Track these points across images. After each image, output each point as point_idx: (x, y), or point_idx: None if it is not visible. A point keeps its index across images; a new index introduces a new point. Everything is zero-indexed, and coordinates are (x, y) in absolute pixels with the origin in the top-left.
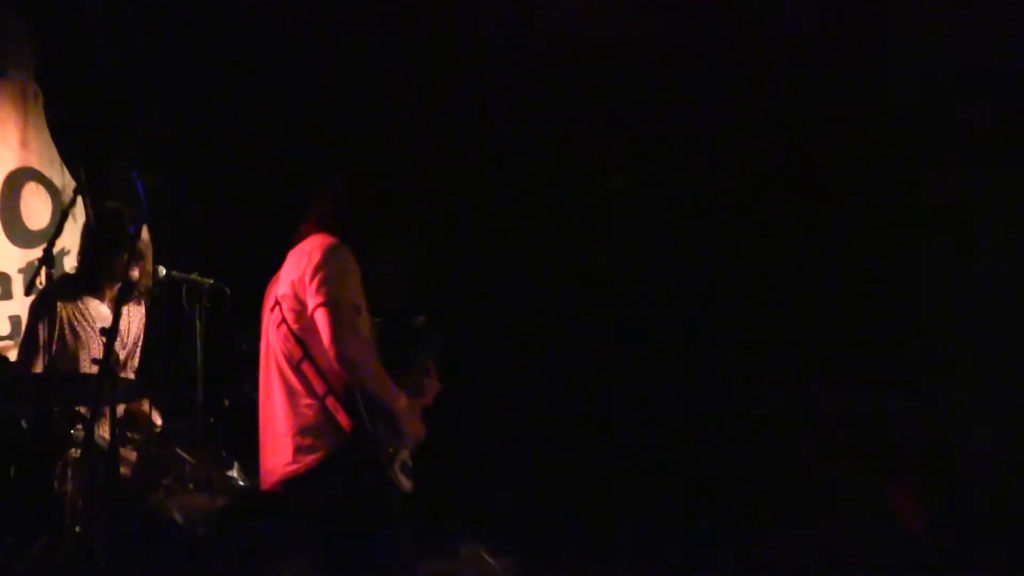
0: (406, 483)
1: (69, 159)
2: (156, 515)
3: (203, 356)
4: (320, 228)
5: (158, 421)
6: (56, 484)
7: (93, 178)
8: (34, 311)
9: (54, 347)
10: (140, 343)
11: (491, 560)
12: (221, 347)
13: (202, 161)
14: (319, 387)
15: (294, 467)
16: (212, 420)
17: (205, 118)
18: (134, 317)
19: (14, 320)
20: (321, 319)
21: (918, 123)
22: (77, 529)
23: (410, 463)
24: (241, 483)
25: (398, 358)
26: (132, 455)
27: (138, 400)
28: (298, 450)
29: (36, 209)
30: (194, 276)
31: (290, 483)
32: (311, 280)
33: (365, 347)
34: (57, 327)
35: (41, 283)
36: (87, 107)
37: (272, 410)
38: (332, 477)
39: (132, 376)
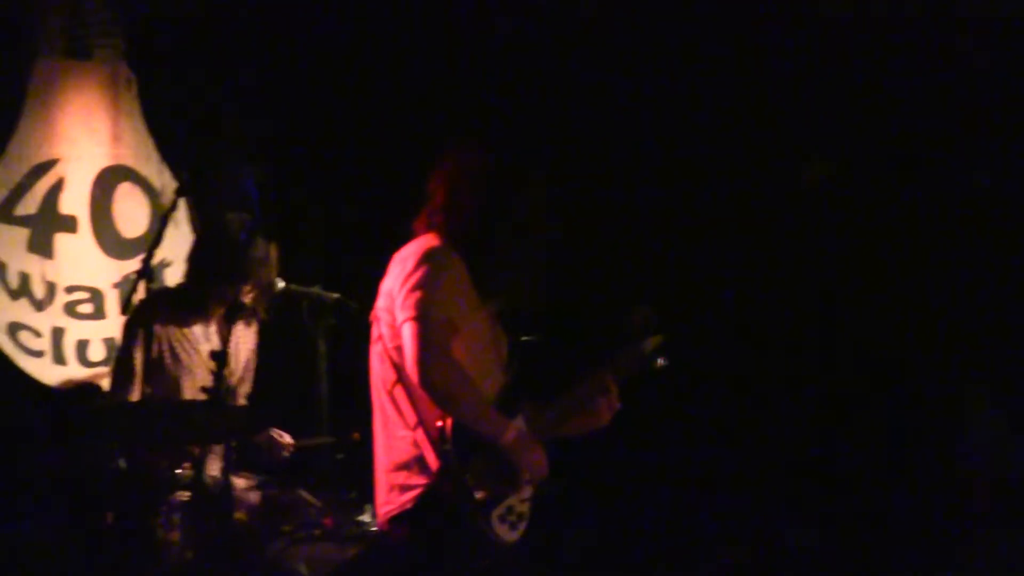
0: (507, 534)
1: (169, 155)
2: (278, 567)
3: (328, 383)
4: (429, 227)
5: (286, 440)
6: (160, 532)
7: (197, 177)
8: (129, 332)
9: (153, 373)
10: (252, 368)
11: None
12: (349, 372)
13: (325, 155)
14: (411, 417)
15: (387, 508)
16: (340, 457)
17: (328, 101)
18: (243, 338)
19: (108, 343)
20: (406, 337)
21: None
22: None
23: (521, 509)
24: (374, 529)
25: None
26: (252, 497)
27: (254, 434)
28: (391, 489)
29: (132, 214)
30: (315, 290)
31: (386, 527)
32: (400, 291)
33: (454, 373)
34: (156, 350)
35: (139, 300)
36: (188, 94)
37: (376, 441)
38: (421, 523)
39: (244, 404)
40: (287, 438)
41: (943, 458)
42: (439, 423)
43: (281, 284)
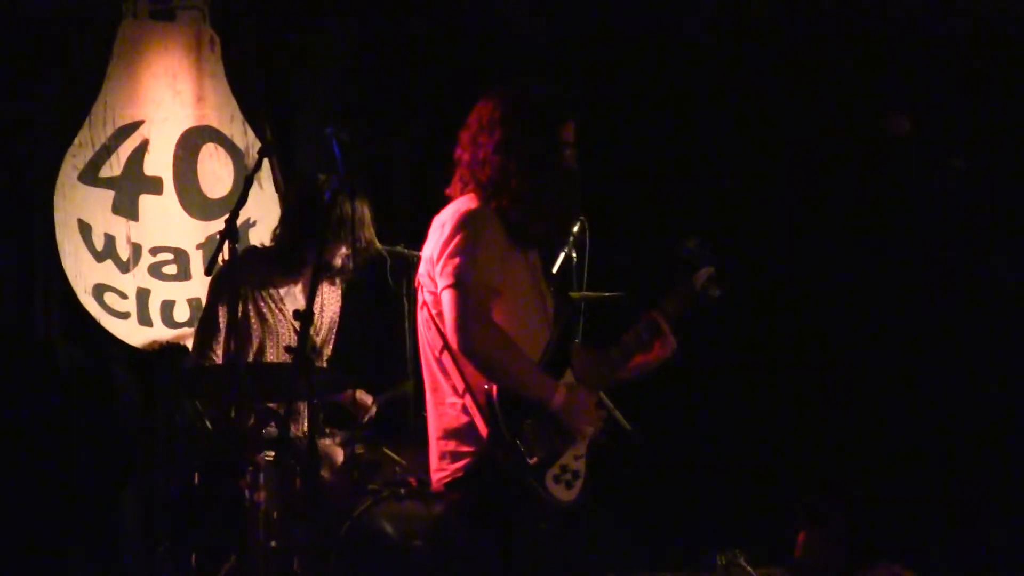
0: (563, 494)
1: (252, 115)
2: (363, 525)
3: (413, 341)
4: (464, 189)
5: (368, 405)
6: (247, 493)
7: (281, 137)
8: (214, 292)
9: (238, 334)
10: (335, 329)
11: (751, 570)
12: None
13: (408, 112)
14: (459, 384)
15: (439, 475)
16: (424, 415)
17: (413, 57)
18: (328, 298)
19: (194, 304)
20: (445, 304)
21: None
22: (272, 544)
23: (576, 466)
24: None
25: (563, 345)
26: (337, 455)
27: (338, 393)
28: (442, 456)
29: (216, 174)
30: (399, 248)
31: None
32: (439, 258)
33: (496, 338)
34: (241, 310)
35: (224, 260)
36: (272, 53)
37: (428, 407)
38: (472, 491)
39: (326, 365)
40: (369, 400)
41: None
42: (486, 388)
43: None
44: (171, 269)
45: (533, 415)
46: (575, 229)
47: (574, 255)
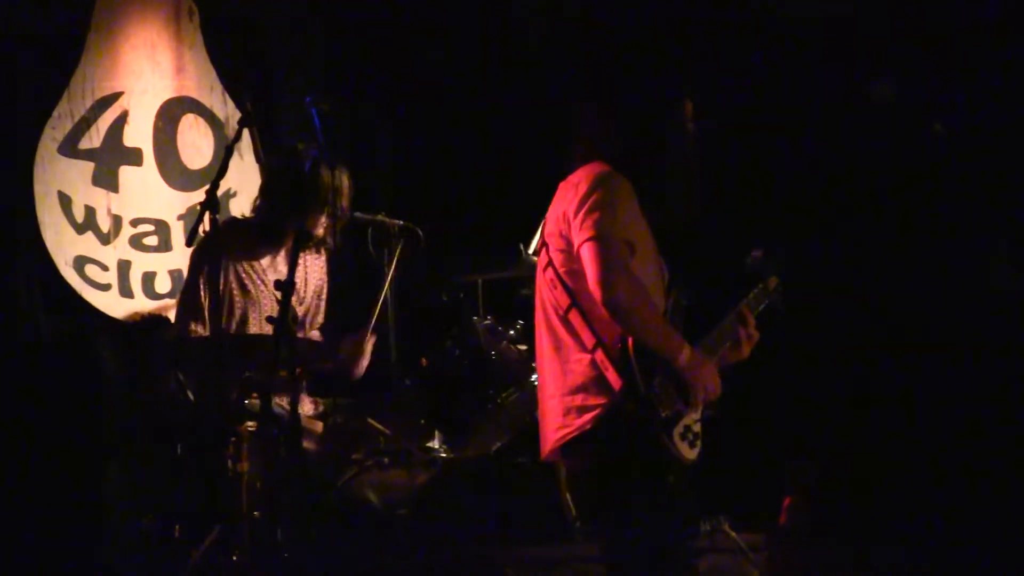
0: (688, 452)
1: (232, 86)
2: (347, 495)
3: (395, 310)
4: (592, 155)
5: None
6: (230, 464)
7: (261, 107)
8: (195, 263)
9: (219, 304)
10: (323, 298)
11: (735, 536)
12: (416, 299)
13: (388, 83)
14: (588, 339)
15: (564, 431)
16: (408, 384)
17: (396, 28)
18: (312, 268)
19: (175, 275)
20: (587, 256)
21: None
22: (256, 514)
23: (697, 428)
24: (444, 456)
25: (690, 304)
26: (318, 426)
27: (322, 363)
28: (568, 412)
29: (196, 145)
30: (380, 217)
31: (563, 450)
32: (576, 213)
33: (638, 290)
34: (222, 281)
35: (204, 231)
36: (250, 24)
37: (544, 369)
38: (603, 442)
39: (315, 335)
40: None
41: None
42: (619, 343)
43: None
44: (152, 240)
45: (662, 371)
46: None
47: None
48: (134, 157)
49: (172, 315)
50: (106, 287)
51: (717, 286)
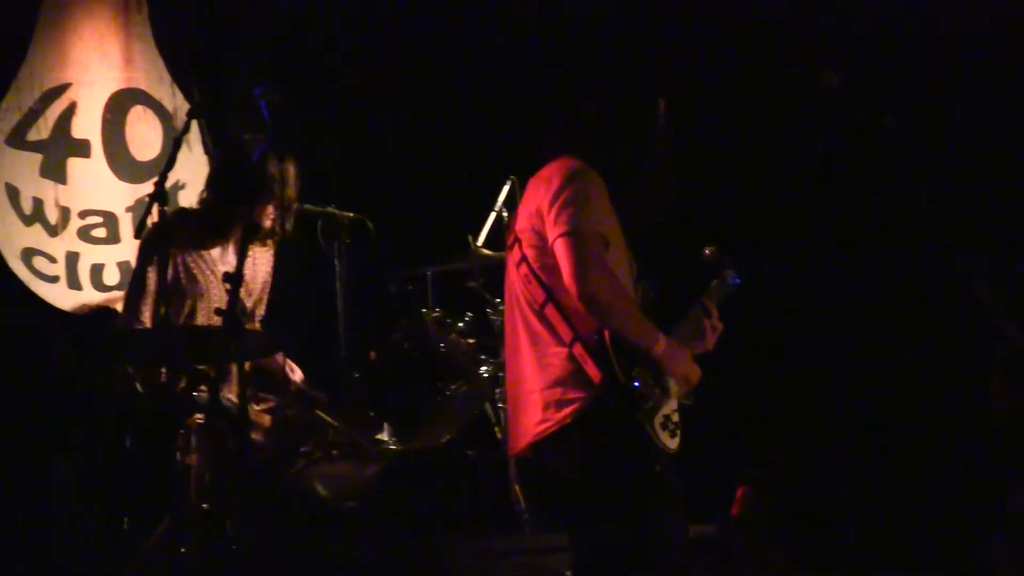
0: (670, 441)
1: (180, 77)
2: (295, 488)
3: (344, 303)
4: (564, 151)
5: (296, 377)
6: (178, 455)
7: (210, 99)
8: (144, 255)
9: (168, 296)
10: (268, 290)
11: None
12: (365, 291)
13: (339, 74)
14: (565, 333)
15: (544, 426)
16: (357, 376)
17: (339, 18)
18: (260, 260)
19: (123, 267)
20: (561, 251)
21: None
22: (204, 506)
23: (676, 418)
24: (392, 448)
25: (658, 295)
26: (266, 419)
27: (270, 355)
28: (547, 406)
29: (144, 137)
30: (331, 209)
31: (541, 444)
32: (550, 208)
33: (613, 284)
34: (171, 273)
35: (153, 223)
36: (199, 15)
37: (518, 363)
38: (584, 436)
39: (259, 327)
40: (298, 374)
41: None
42: (597, 336)
43: (298, 204)
44: (100, 232)
45: (640, 363)
46: (506, 188)
47: (505, 214)
48: (82, 149)
49: (120, 307)
50: (54, 279)
51: (676, 279)
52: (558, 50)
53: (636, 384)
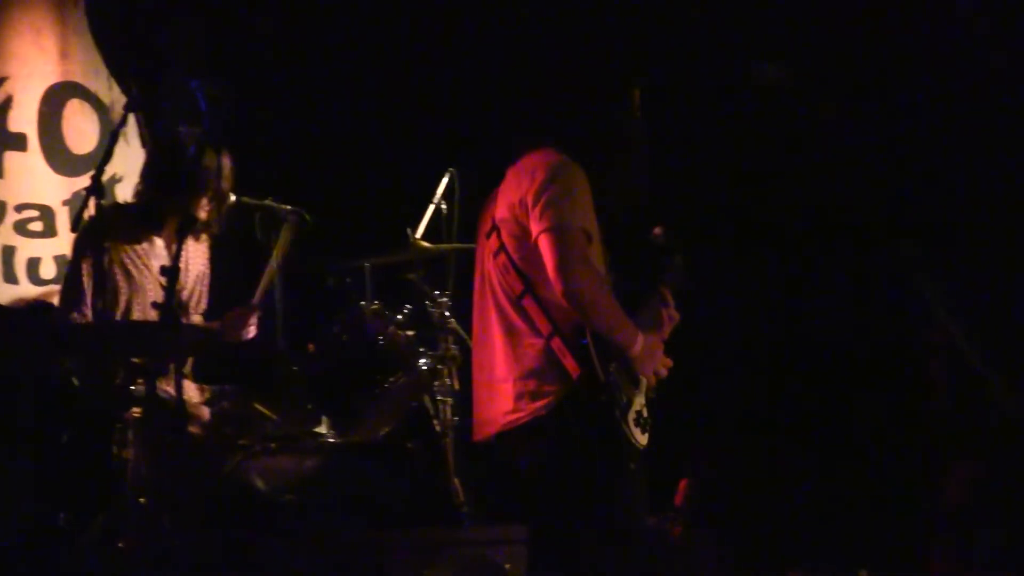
0: (641, 437)
1: (118, 70)
2: (233, 481)
3: (282, 296)
4: (542, 142)
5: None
6: (115, 449)
7: (147, 92)
8: (80, 248)
9: (103, 290)
10: (206, 283)
11: None
12: (303, 285)
13: (278, 66)
14: (543, 326)
15: (516, 416)
16: (295, 369)
17: (275, 11)
18: (194, 253)
19: (59, 261)
20: (546, 247)
21: None
22: (142, 500)
23: (645, 413)
24: (332, 441)
25: (632, 289)
26: (204, 412)
27: (207, 348)
28: (520, 396)
29: (81, 130)
30: (268, 202)
31: (509, 434)
32: (535, 203)
33: (597, 280)
34: (107, 267)
35: (89, 216)
36: (136, 7)
37: (489, 351)
38: (557, 429)
39: (197, 320)
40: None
41: None
42: (577, 331)
43: (232, 197)
44: (37, 226)
45: (616, 358)
46: (445, 180)
47: (444, 206)
48: (18, 142)
49: (56, 301)
50: None
51: (628, 268)
52: (528, 42)
53: (613, 380)
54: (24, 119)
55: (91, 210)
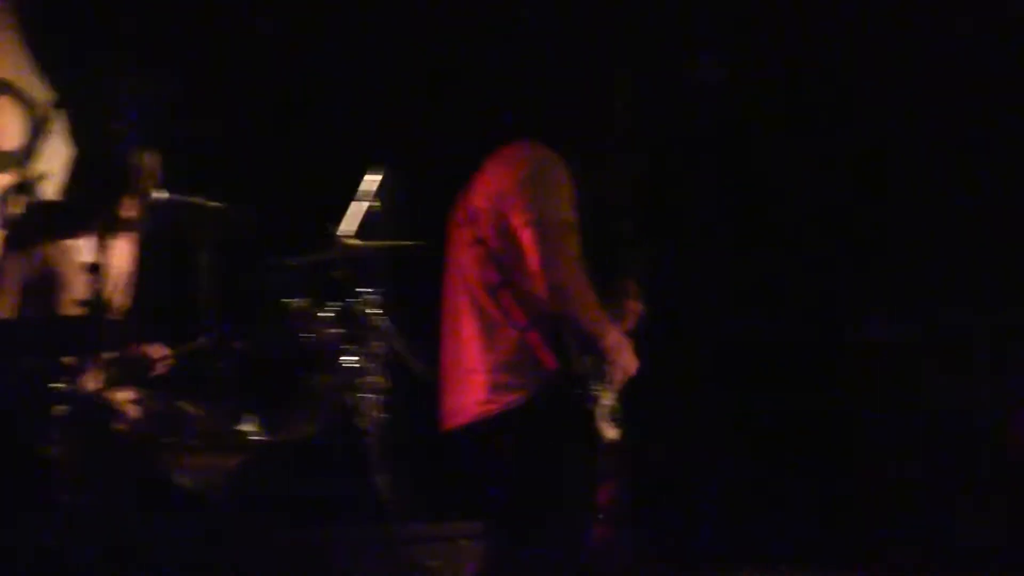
0: (610, 432)
1: (45, 66)
2: (159, 479)
3: (208, 292)
4: (524, 132)
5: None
6: (39, 448)
7: (74, 89)
8: (6, 246)
9: (29, 288)
10: (131, 280)
11: None
12: (228, 281)
13: (208, 63)
14: (520, 317)
15: (489, 407)
16: (220, 366)
17: (207, 5)
18: (119, 250)
19: None
20: (530, 240)
21: None
22: (67, 499)
23: (615, 406)
24: (257, 439)
25: (597, 280)
26: (130, 410)
27: (130, 344)
28: (494, 388)
29: (7, 127)
30: (196, 199)
31: (480, 425)
32: (519, 195)
33: (580, 274)
34: (33, 264)
35: (15, 214)
36: (65, 3)
37: (460, 341)
38: (529, 422)
39: (122, 318)
40: (160, 351)
41: None
42: (554, 324)
43: (164, 194)
44: None
45: (590, 351)
46: (374, 177)
47: (374, 203)
48: None
49: None
50: None
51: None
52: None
53: (588, 373)
54: None
55: (18, 207)
